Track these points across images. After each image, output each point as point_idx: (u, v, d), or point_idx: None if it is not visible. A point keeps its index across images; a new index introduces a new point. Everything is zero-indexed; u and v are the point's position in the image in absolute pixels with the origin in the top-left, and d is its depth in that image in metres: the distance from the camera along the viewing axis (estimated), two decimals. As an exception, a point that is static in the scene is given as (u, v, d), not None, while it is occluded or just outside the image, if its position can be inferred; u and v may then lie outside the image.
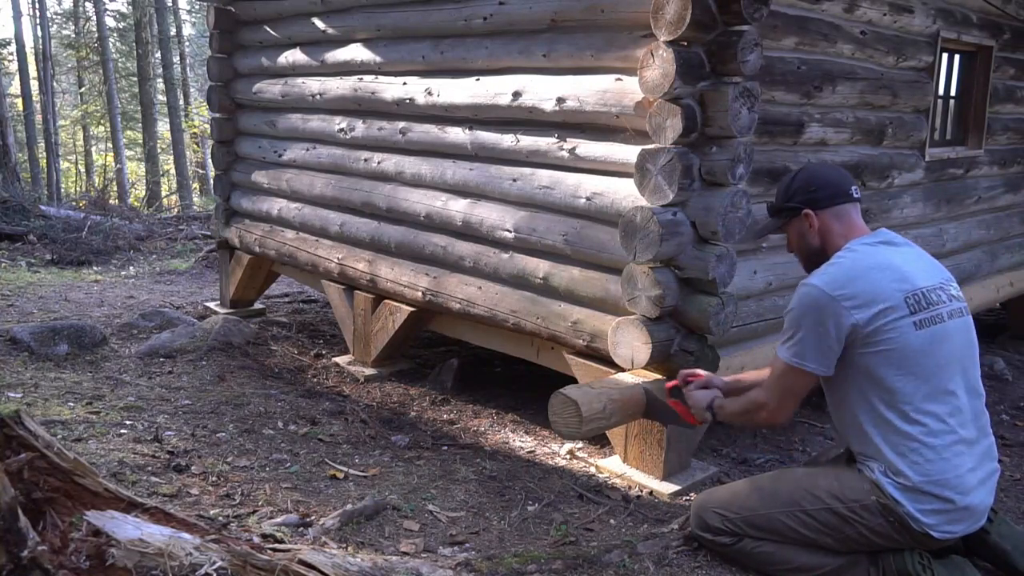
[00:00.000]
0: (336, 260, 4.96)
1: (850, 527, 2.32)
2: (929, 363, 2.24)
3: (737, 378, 2.83)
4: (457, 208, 4.16)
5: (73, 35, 25.13)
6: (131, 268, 8.89)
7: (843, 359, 2.30)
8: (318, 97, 5.04)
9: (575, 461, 3.69)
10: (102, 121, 23.61)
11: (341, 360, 4.99)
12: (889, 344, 2.23)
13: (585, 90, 3.46)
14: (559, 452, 3.78)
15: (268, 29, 5.43)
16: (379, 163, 4.66)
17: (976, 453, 2.29)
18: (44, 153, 21.22)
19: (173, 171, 22.92)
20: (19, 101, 21.85)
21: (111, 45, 22.57)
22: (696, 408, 2.72)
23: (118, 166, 21.10)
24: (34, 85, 22.05)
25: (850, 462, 2.42)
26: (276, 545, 2.08)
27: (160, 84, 23.66)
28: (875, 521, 2.28)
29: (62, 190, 20.99)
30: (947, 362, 2.27)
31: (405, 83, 4.41)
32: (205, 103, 9.89)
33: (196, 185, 24.49)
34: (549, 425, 3.14)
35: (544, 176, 3.74)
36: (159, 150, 22.51)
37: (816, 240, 2.47)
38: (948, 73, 4.78)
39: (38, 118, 21.36)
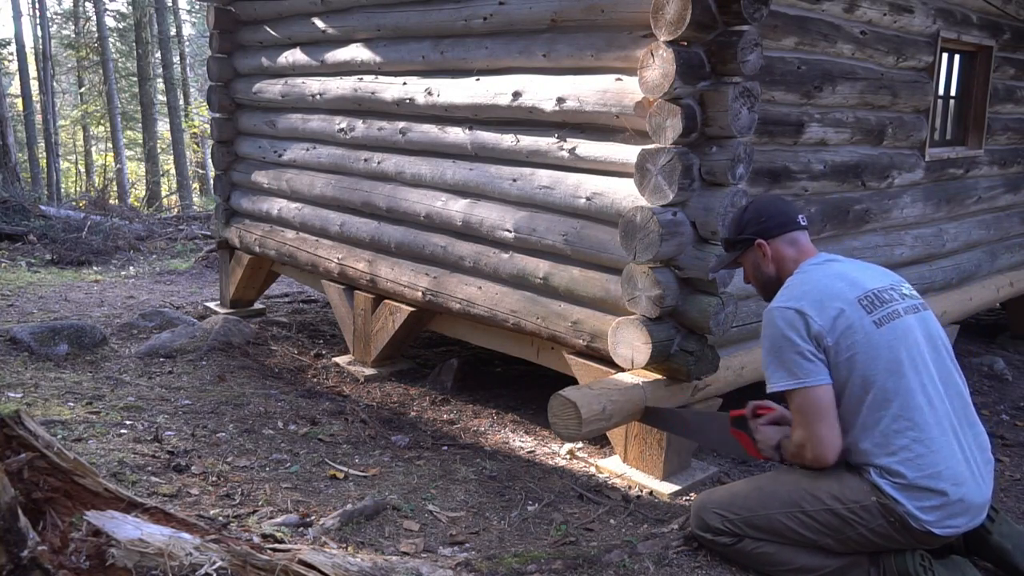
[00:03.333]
0: (336, 260, 4.96)
1: (850, 528, 2.32)
2: (898, 357, 2.29)
3: None
4: (457, 208, 4.16)
5: (73, 35, 25.13)
6: (131, 268, 8.89)
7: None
8: (318, 97, 5.04)
9: (575, 461, 3.69)
10: (102, 121, 23.61)
11: (341, 360, 4.99)
12: (857, 346, 2.29)
13: (585, 90, 3.46)
14: (559, 452, 3.78)
15: (268, 29, 5.43)
16: (379, 163, 4.66)
17: (964, 443, 2.31)
18: (44, 153, 21.22)
19: (173, 171, 22.92)
20: (19, 101, 21.86)
21: (111, 45, 22.57)
22: (764, 446, 2.58)
23: (118, 166, 21.10)
24: (34, 85, 22.05)
25: (850, 464, 2.42)
26: (276, 545, 2.08)
27: (160, 84, 23.66)
28: (875, 522, 2.28)
29: (62, 190, 21.01)
30: (915, 356, 2.32)
31: (405, 83, 4.41)
32: (205, 103, 9.90)
33: (196, 185, 24.50)
34: (549, 425, 3.14)
35: (544, 176, 3.74)
36: (159, 150, 22.51)
37: (771, 268, 2.57)
38: (948, 73, 4.78)
39: (38, 118, 21.36)
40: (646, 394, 3.26)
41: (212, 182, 6.34)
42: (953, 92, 4.88)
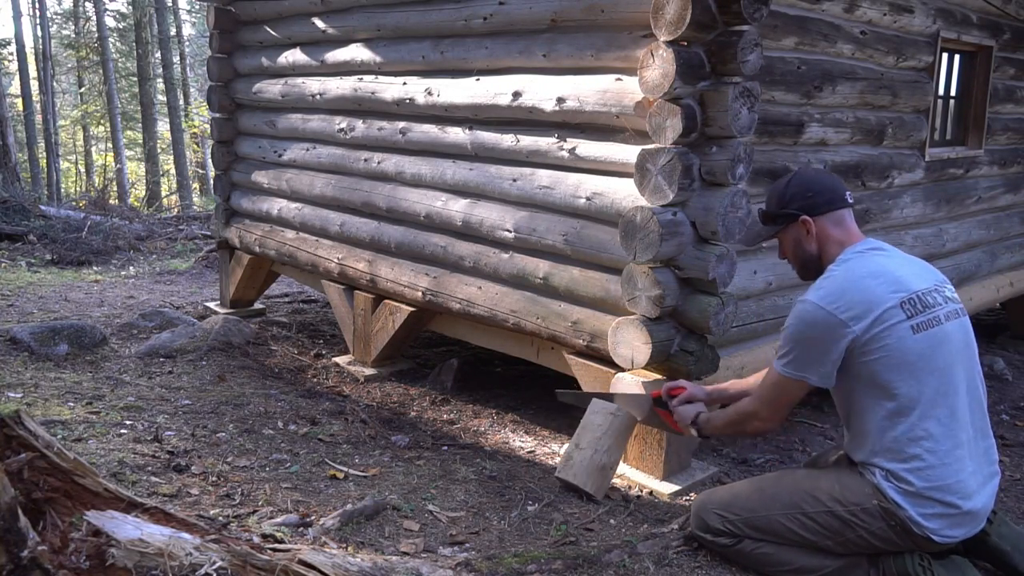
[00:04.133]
0: (336, 260, 4.96)
1: (850, 530, 2.31)
2: (929, 366, 2.23)
3: (720, 387, 2.83)
4: (457, 208, 4.16)
5: (73, 35, 25.13)
6: (131, 268, 8.89)
7: (846, 369, 2.29)
8: (318, 97, 5.05)
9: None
10: (102, 121, 23.62)
11: (341, 360, 4.99)
12: (887, 351, 2.23)
13: (585, 90, 3.46)
14: (559, 452, 3.78)
15: (268, 29, 5.43)
16: (379, 163, 4.66)
17: (976, 456, 2.29)
18: (44, 153, 21.23)
19: (173, 171, 22.93)
20: (19, 101, 21.86)
21: (111, 45, 22.57)
22: (682, 423, 2.73)
23: (118, 166, 21.10)
24: (34, 85, 22.06)
25: (852, 464, 2.42)
26: (276, 545, 2.08)
27: (160, 84, 23.66)
28: (876, 525, 2.27)
29: (62, 190, 21.01)
30: (947, 364, 2.25)
31: (405, 83, 4.41)
32: (205, 103, 9.89)
33: (196, 185, 24.50)
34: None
35: (544, 176, 3.74)
36: (159, 150, 22.51)
37: (813, 247, 2.46)
38: (948, 73, 4.78)
39: (38, 118, 21.37)
40: (642, 404, 3.26)
41: (212, 182, 6.34)
42: (953, 92, 4.88)
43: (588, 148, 3.52)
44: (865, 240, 2.43)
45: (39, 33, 21.46)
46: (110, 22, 23.38)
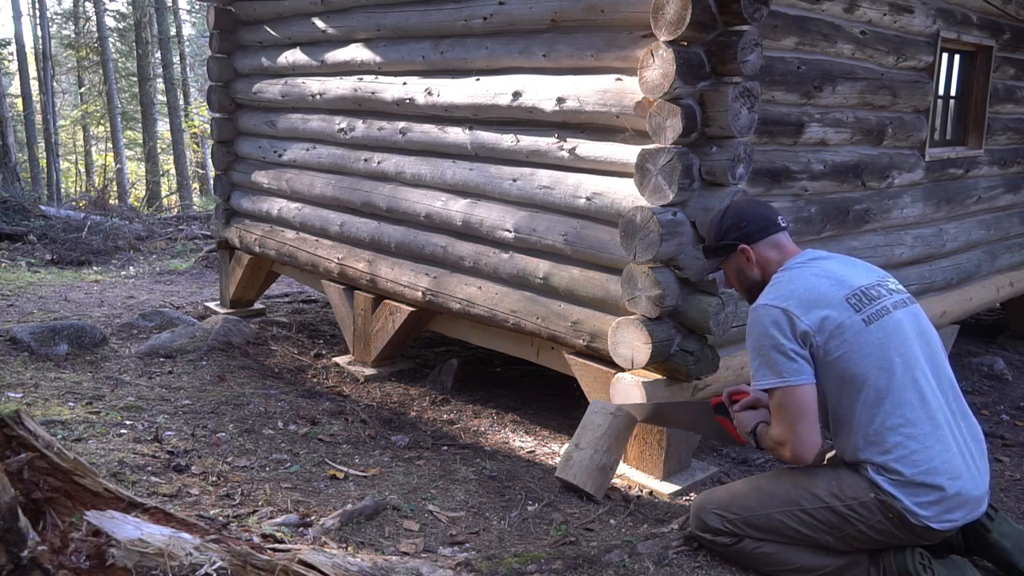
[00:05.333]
0: (336, 260, 4.96)
1: (850, 525, 2.32)
2: (889, 354, 2.29)
3: None
4: (457, 208, 4.16)
5: (73, 35, 25.13)
6: (131, 268, 8.89)
7: (816, 375, 2.33)
8: (318, 97, 5.04)
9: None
10: (102, 121, 23.62)
11: (341, 360, 4.99)
12: (846, 346, 2.28)
13: (585, 90, 3.46)
14: (559, 452, 3.78)
15: (268, 29, 5.43)
16: (379, 163, 4.66)
17: (959, 436, 2.31)
18: (44, 153, 21.22)
19: (173, 171, 22.93)
20: (19, 101, 21.86)
21: (111, 45, 22.57)
22: (741, 430, 2.61)
23: (118, 166, 21.11)
24: (34, 85, 22.06)
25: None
26: (276, 545, 2.08)
27: (160, 84, 23.66)
28: (875, 518, 2.28)
29: (62, 190, 21.00)
30: (906, 350, 2.31)
31: (405, 83, 4.41)
32: (205, 103, 9.90)
33: (196, 185, 24.49)
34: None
35: (544, 176, 3.74)
36: (159, 150, 22.51)
37: (756, 272, 2.54)
38: (948, 73, 4.78)
39: (38, 118, 21.36)
40: (645, 391, 3.26)
41: (212, 182, 6.34)
42: (953, 92, 4.88)
43: (588, 148, 3.52)
44: (804, 252, 2.52)
45: (39, 33, 21.46)
46: (110, 22, 23.40)
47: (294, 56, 5.22)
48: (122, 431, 3.54)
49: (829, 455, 2.59)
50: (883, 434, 2.26)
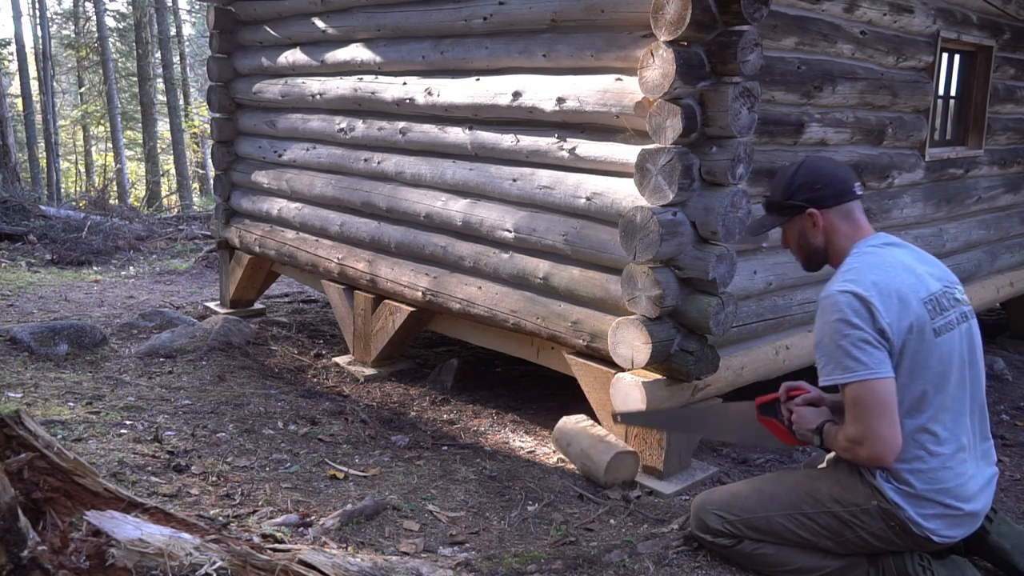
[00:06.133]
0: (336, 260, 4.96)
1: (850, 530, 2.31)
2: (946, 372, 2.21)
3: (837, 398, 2.50)
4: (457, 208, 4.16)
5: (73, 35, 25.13)
6: (131, 268, 8.89)
7: None
8: (318, 97, 5.04)
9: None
10: (102, 121, 23.62)
11: (341, 360, 4.99)
12: (913, 356, 2.17)
13: (585, 90, 3.46)
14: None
15: (268, 29, 5.43)
16: (379, 163, 4.66)
17: (976, 458, 2.28)
18: (44, 153, 21.22)
19: (173, 171, 22.93)
20: (19, 101, 21.86)
21: (111, 45, 22.57)
22: (801, 428, 2.42)
23: (118, 166, 21.11)
24: (34, 85, 22.06)
25: (850, 464, 2.40)
26: (276, 545, 2.08)
27: (160, 84, 23.66)
28: (875, 525, 2.27)
29: (62, 190, 21.01)
30: (957, 368, 2.24)
31: (405, 83, 4.41)
32: (205, 103, 9.89)
33: (196, 185, 24.50)
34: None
35: (544, 176, 3.74)
36: (159, 150, 22.51)
37: (820, 240, 2.38)
38: (948, 73, 4.78)
39: (38, 118, 21.36)
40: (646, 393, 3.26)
41: (212, 182, 6.34)
42: (953, 92, 4.88)
43: (588, 148, 3.52)
44: (877, 235, 2.36)
45: (39, 33, 21.46)
46: (110, 22, 23.40)
47: (294, 56, 5.23)
48: (122, 431, 3.54)
49: (829, 456, 2.59)
50: (907, 444, 2.20)
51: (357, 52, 4.71)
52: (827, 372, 2.19)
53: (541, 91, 3.64)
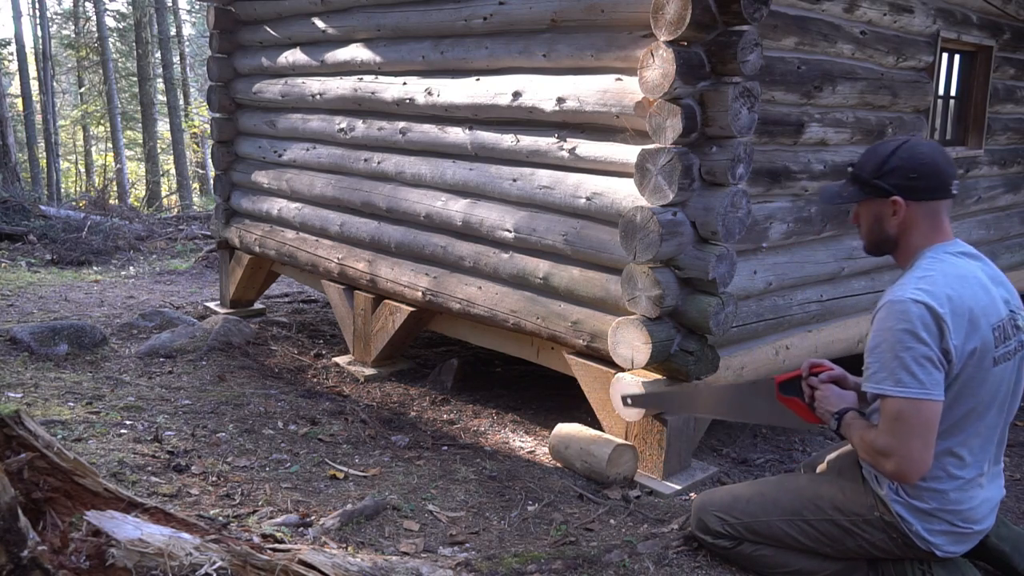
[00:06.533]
0: (336, 260, 4.96)
1: (851, 539, 2.29)
2: (989, 400, 2.13)
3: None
4: (457, 208, 4.16)
5: (73, 35, 25.13)
6: (131, 268, 8.89)
7: None
8: (318, 97, 5.04)
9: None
10: (102, 121, 23.62)
11: (341, 360, 4.99)
12: (968, 382, 2.08)
13: (585, 90, 3.46)
14: (559, 452, 3.78)
15: (268, 29, 5.43)
16: (379, 163, 4.66)
17: (989, 482, 2.25)
18: (44, 153, 21.23)
19: (173, 171, 22.93)
20: (19, 101, 21.87)
21: (111, 45, 22.57)
22: (823, 407, 2.30)
23: (118, 166, 21.11)
24: (34, 85, 22.06)
25: (853, 468, 2.39)
26: (276, 545, 2.08)
27: (160, 84, 23.67)
28: (876, 536, 2.25)
29: (62, 190, 21.02)
30: (1001, 398, 2.17)
31: (405, 83, 4.41)
32: (205, 103, 9.90)
33: (196, 185, 24.50)
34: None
35: (544, 176, 3.74)
36: (159, 150, 22.52)
37: (894, 230, 2.20)
38: (948, 73, 4.78)
39: (38, 118, 21.37)
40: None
41: (212, 182, 6.34)
42: (953, 92, 4.88)
43: (588, 148, 3.52)
44: (955, 241, 2.21)
45: (39, 33, 21.47)
46: (110, 22, 23.40)
47: (294, 56, 5.23)
48: (122, 431, 3.54)
49: (830, 457, 2.59)
50: (932, 466, 2.11)
51: (357, 52, 4.71)
52: (876, 380, 2.06)
53: (541, 91, 3.64)
